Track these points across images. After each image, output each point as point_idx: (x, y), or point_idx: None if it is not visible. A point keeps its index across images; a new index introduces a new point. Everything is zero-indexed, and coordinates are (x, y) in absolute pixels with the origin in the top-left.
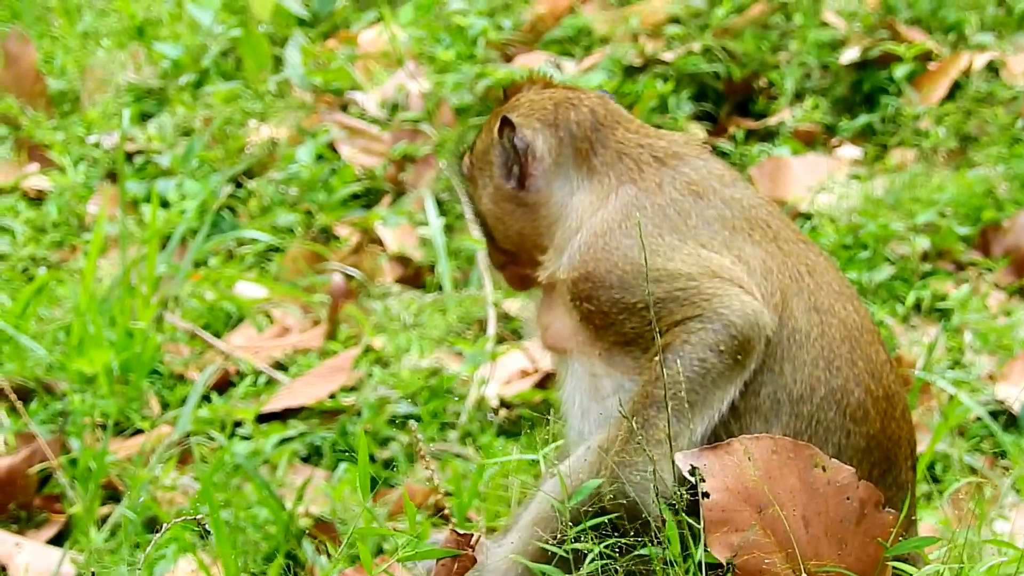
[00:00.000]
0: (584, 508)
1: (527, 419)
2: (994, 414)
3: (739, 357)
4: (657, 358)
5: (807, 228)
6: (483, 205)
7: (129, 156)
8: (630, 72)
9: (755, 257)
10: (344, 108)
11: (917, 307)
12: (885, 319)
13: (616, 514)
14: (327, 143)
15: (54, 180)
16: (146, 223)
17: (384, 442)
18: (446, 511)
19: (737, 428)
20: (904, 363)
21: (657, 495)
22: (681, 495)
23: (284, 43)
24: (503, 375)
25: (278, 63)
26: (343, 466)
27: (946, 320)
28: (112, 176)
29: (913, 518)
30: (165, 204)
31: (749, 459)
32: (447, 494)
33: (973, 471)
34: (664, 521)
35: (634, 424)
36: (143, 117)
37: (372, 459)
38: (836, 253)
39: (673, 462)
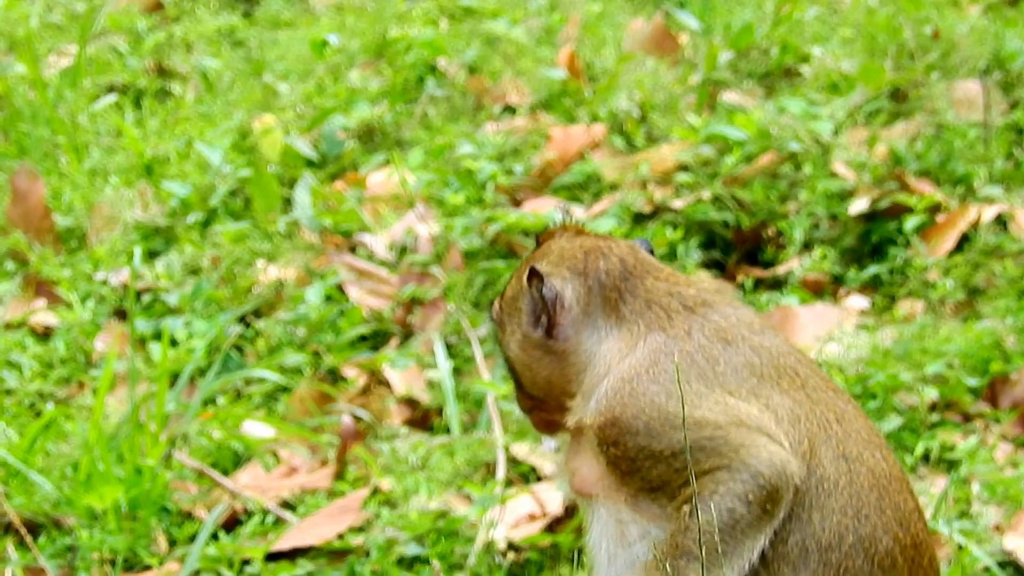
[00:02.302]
0: None
1: (534, 562)
2: (1002, 564)
3: (768, 507)
4: (685, 507)
5: None
6: (511, 351)
7: (137, 294)
8: (639, 219)
9: (783, 405)
10: (352, 250)
11: (926, 458)
12: None
13: None
14: (335, 284)
15: (61, 316)
16: (153, 361)
17: None
18: None
19: (765, 575)
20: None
21: None
22: None
23: (292, 184)
24: (511, 518)
25: (287, 204)
26: None
27: (954, 471)
28: (120, 313)
29: None
30: (173, 343)
31: None
32: None
33: None
34: None
35: (667, 572)
36: (151, 255)
37: None
38: (859, 405)
39: None
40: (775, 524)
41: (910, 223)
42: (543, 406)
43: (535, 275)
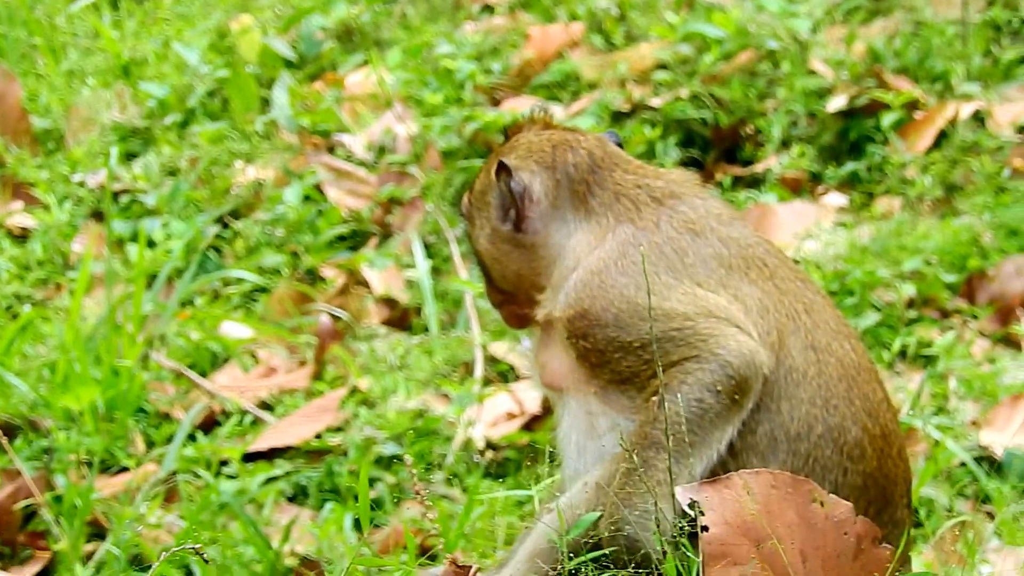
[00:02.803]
0: (583, 542)
1: (513, 461)
2: (978, 460)
3: (736, 397)
4: (654, 398)
5: None
6: (481, 245)
7: (114, 195)
8: (618, 117)
9: (752, 296)
10: (331, 150)
11: (903, 354)
12: None
13: (614, 548)
14: (314, 185)
15: (39, 218)
16: (131, 262)
17: (370, 482)
18: (433, 551)
19: (734, 466)
20: (894, 405)
21: (657, 530)
22: (681, 529)
23: (270, 84)
24: (489, 417)
25: (265, 104)
26: (329, 506)
27: (931, 367)
28: (97, 215)
29: (908, 555)
30: (151, 243)
31: (748, 493)
32: (434, 534)
33: (958, 515)
34: (664, 554)
35: (635, 462)
36: (128, 156)
37: (357, 499)
38: (828, 296)
39: (673, 498)
40: (743, 415)
41: (888, 120)
42: (513, 300)
43: (503, 169)
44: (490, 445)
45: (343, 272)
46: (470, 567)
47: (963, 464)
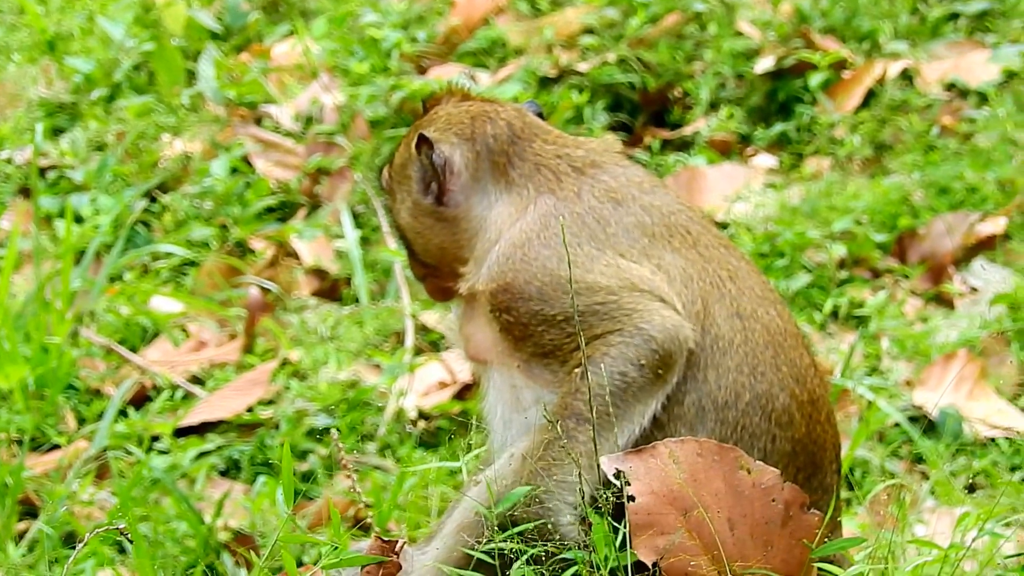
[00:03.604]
0: (509, 514)
1: (445, 430)
2: (912, 419)
3: (660, 372)
4: (577, 370)
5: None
6: (402, 219)
7: (42, 171)
8: (545, 83)
9: (675, 265)
10: (258, 122)
11: (834, 314)
12: (802, 327)
13: (538, 519)
14: (242, 157)
15: None
16: (60, 238)
17: (302, 455)
18: (366, 522)
19: (662, 437)
20: (822, 370)
21: (583, 500)
22: (607, 499)
23: (196, 57)
24: (421, 387)
25: (191, 77)
26: (261, 479)
27: (863, 327)
28: (25, 191)
29: (838, 520)
30: (79, 219)
31: (674, 462)
32: (367, 505)
33: (892, 476)
34: (587, 524)
35: (558, 432)
36: (55, 132)
37: (291, 472)
38: (754, 262)
39: (598, 468)
40: (668, 389)
41: (815, 80)
42: (436, 273)
43: (424, 141)
44: (422, 415)
45: (272, 244)
46: (395, 541)
47: (897, 424)
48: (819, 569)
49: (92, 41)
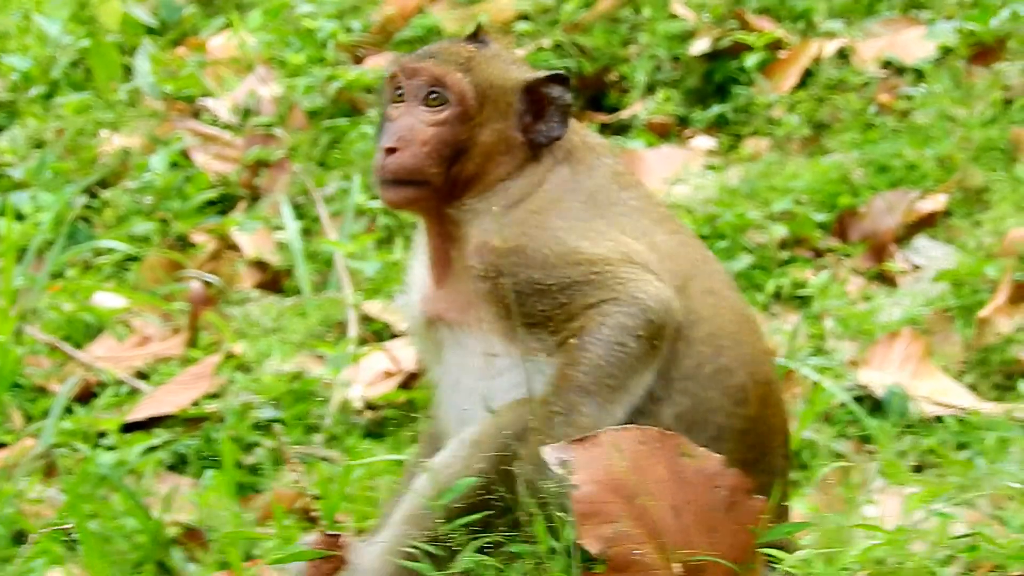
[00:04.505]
0: (455, 505)
1: (392, 420)
2: (859, 399)
3: (655, 342)
4: (572, 340)
5: None
6: (455, 126)
7: None
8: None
9: (665, 244)
10: (196, 115)
11: (777, 295)
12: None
13: (489, 512)
14: (180, 151)
15: None
16: (1, 236)
17: (249, 447)
18: (314, 514)
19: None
20: (774, 357)
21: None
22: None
23: (133, 52)
24: (367, 377)
25: (128, 72)
26: (209, 473)
27: (806, 307)
28: None
29: (785, 504)
30: (20, 217)
31: (617, 450)
32: (315, 497)
33: (840, 457)
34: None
35: (559, 407)
36: None
37: (238, 465)
38: None
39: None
40: (659, 361)
41: (751, 61)
42: (438, 183)
43: (564, 80)
44: (369, 405)
45: (213, 237)
46: (339, 535)
47: (843, 405)
48: (765, 555)
49: (29, 39)
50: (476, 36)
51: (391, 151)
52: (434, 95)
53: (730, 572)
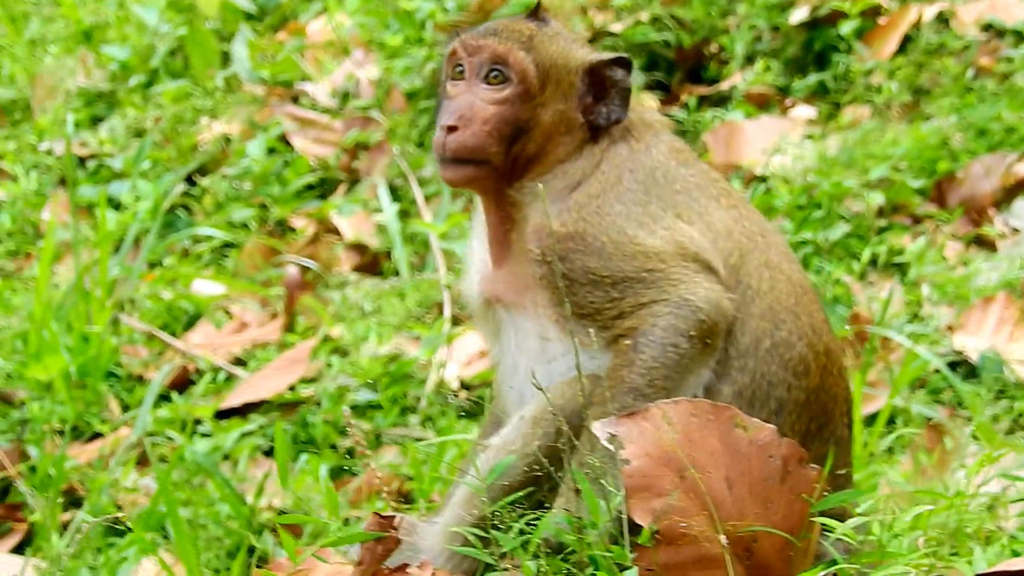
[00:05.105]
0: (510, 483)
1: (487, 400)
2: (954, 364)
3: (708, 340)
4: (627, 342)
5: (762, 190)
6: (544, 115)
7: (82, 161)
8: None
9: (721, 221)
10: (295, 100)
11: (874, 263)
12: (842, 277)
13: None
14: (279, 136)
15: (7, 189)
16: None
17: (345, 431)
18: (411, 495)
19: None
20: (862, 319)
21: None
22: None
23: (231, 39)
24: (462, 357)
25: (226, 59)
26: (304, 457)
27: (903, 274)
28: (65, 182)
29: (842, 472)
30: (119, 207)
31: (668, 424)
32: (409, 479)
33: (933, 423)
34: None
35: (611, 409)
36: (94, 121)
37: (334, 448)
38: (791, 214)
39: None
40: (716, 356)
41: (847, 27)
42: (498, 162)
43: (627, 64)
44: (464, 385)
45: (313, 221)
46: (394, 516)
47: (938, 371)
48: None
49: (128, 29)
50: (536, 14)
51: (452, 129)
52: (496, 73)
53: (784, 542)
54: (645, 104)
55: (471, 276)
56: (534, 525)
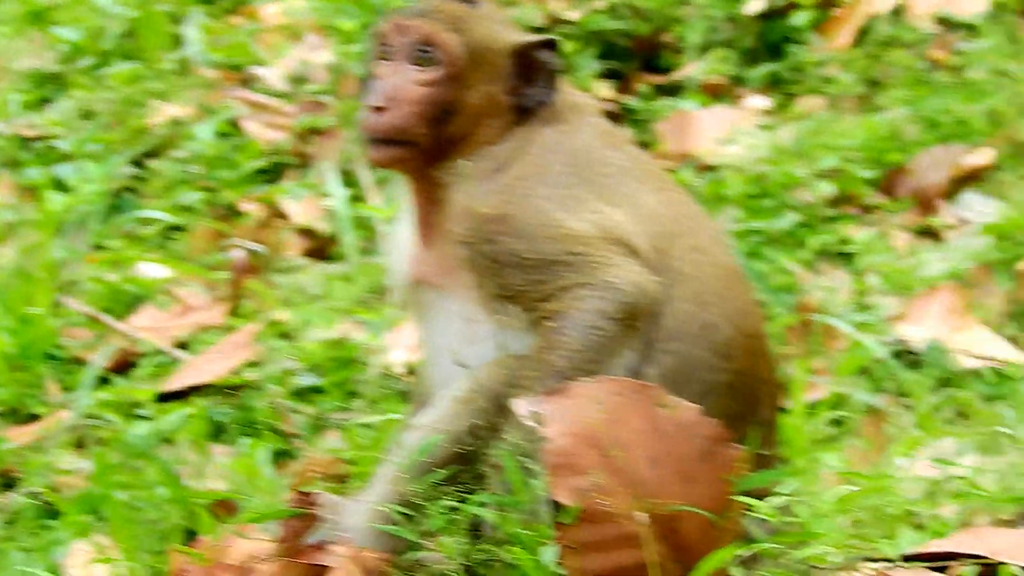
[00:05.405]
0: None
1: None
2: (899, 354)
3: (633, 324)
4: (550, 324)
5: (713, 180)
6: (470, 96)
7: (29, 142)
8: (535, 32)
9: (649, 204)
10: (248, 84)
11: (823, 252)
12: (790, 266)
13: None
14: (229, 119)
15: None
16: (49, 210)
17: (288, 414)
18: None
19: None
20: (809, 308)
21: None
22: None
23: (185, 21)
24: (408, 342)
25: (178, 41)
26: (246, 441)
27: (851, 264)
28: (13, 163)
29: (768, 454)
30: (66, 188)
31: (591, 402)
32: (349, 462)
33: (875, 410)
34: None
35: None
36: (43, 102)
37: (277, 432)
38: (742, 203)
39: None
40: (639, 338)
41: (801, 18)
42: (425, 142)
43: (554, 45)
44: (410, 370)
45: (262, 205)
46: (315, 494)
47: (878, 360)
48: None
49: (79, 11)
50: None
51: (379, 110)
52: (424, 54)
53: (706, 521)
54: (572, 89)
55: (398, 258)
56: (459, 505)
